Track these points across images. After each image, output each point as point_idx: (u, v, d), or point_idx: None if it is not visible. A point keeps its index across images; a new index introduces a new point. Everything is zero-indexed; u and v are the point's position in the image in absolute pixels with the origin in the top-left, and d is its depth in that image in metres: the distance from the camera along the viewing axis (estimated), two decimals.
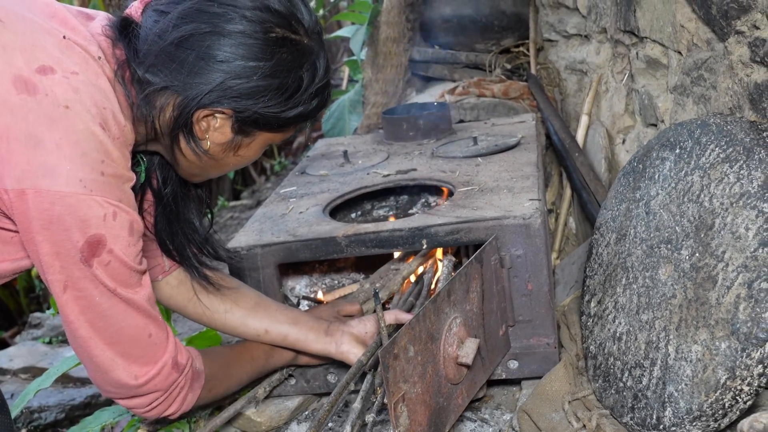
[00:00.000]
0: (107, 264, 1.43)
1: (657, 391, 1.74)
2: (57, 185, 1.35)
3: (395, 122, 3.05)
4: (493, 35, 4.18)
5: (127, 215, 1.45)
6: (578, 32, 3.41)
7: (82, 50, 1.45)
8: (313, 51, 1.56)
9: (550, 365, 2.10)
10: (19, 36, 1.40)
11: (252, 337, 2.06)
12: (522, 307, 2.08)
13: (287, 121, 1.58)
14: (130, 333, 1.53)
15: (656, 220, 1.91)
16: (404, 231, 2.09)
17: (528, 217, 2.01)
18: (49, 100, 1.36)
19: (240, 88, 1.49)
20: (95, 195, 1.38)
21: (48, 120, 1.35)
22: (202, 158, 1.59)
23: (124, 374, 1.54)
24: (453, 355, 1.74)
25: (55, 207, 1.36)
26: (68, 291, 1.44)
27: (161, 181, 1.78)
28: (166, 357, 1.60)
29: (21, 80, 1.36)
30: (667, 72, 2.41)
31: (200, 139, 1.56)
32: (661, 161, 1.97)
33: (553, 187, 3.41)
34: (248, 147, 1.62)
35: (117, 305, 1.49)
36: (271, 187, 8.61)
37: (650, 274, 1.88)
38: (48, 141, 1.35)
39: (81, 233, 1.38)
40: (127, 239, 1.46)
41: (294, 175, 2.84)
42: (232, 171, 1.68)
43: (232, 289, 2.04)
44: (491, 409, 2.18)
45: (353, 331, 2.06)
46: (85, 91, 1.41)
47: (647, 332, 1.83)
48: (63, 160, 1.35)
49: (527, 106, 3.60)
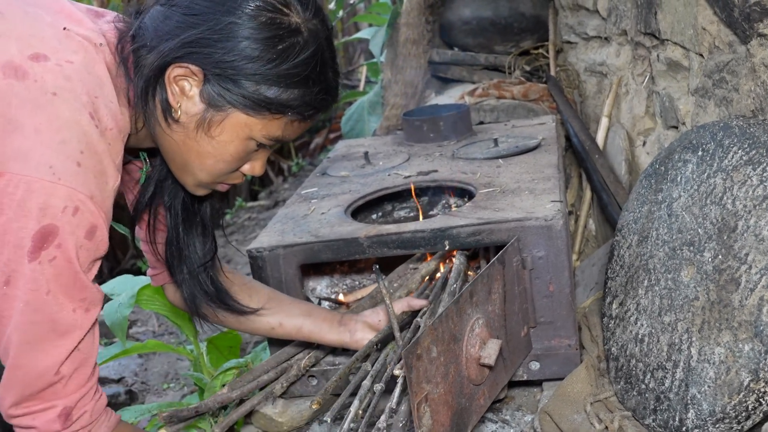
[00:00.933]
0: (52, 260, 1.32)
1: (680, 393, 1.74)
2: (26, 169, 1.28)
3: (416, 124, 3.06)
4: (513, 37, 4.18)
5: (90, 216, 1.35)
6: (598, 34, 3.40)
7: (82, 39, 1.41)
8: (300, 31, 1.46)
9: (572, 367, 2.11)
10: (18, 26, 1.38)
11: (265, 332, 2.06)
12: (543, 308, 2.09)
13: (261, 101, 1.45)
14: (38, 362, 1.39)
15: (678, 222, 1.91)
16: (426, 232, 2.10)
17: (550, 219, 2.02)
18: (38, 86, 1.32)
19: (211, 42, 1.41)
20: (62, 184, 1.30)
21: (32, 106, 1.31)
22: (175, 131, 1.48)
23: (6, 386, 1.42)
24: (475, 355, 1.75)
25: (18, 191, 1.28)
26: (10, 286, 1.34)
27: (167, 192, 1.74)
28: (60, 402, 1.43)
29: (11, 66, 1.32)
30: (688, 74, 2.41)
31: (173, 108, 1.46)
32: (683, 163, 1.97)
33: (573, 188, 3.41)
34: (221, 127, 1.46)
35: (40, 322, 1.36)
36: (288, 188, 8.62)
37: (672, 276, 1.88)
38: (28, 126, 1.30)
39: (36, 221, 1.30)
40: (82, 241, 1.35)
41: (315, 176, 2.85)
42: (214, 166, 1.55)
43: (243, 286, 2.03)
44: (512, 410, 2.18)
45: (367, 319, 2.06)
46: (78, 79, 1.36)
47: (669, 334, 1.83)
48: (38, 145, 1.30)
49: (547, 108, 3.60)
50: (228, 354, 2.77)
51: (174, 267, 1.84)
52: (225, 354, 2.76)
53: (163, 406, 2.39)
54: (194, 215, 1.79)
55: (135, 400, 3.71)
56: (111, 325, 2.35)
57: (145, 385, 3.96)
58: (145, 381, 4.00)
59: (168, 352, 4.09)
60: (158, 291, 2.43)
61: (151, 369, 4.13)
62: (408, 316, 2.07)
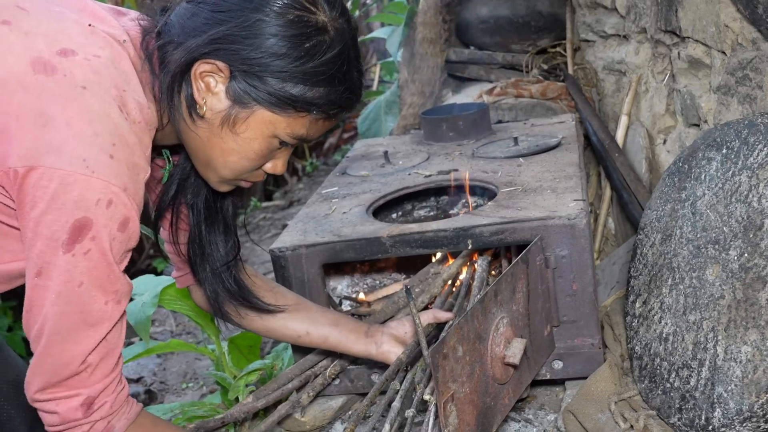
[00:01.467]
0: (87, 252, 1.34)
1: (705, 391, 1.73)
2: (59, 163, 1.29)
3: (435, 123, 3.05)
4: (530, 36, 4.17)
5: (124, 208, 1.36)
6: (616, 32, 3.39)
7: (106, 35, 1.42)
8: (326, 30, 1.45)
9: (595, 366, 2.10)
10: (43, 23, 1.39)
11: (292, 339, 2.06)
12: (566, 307, 2.08)
13: (286, 99, 1.45)
14: (67, 351, 1.40)
15: (703, 220, 1.91)
16: (449, 231, 2.10)
17: (573, 218, 2.01)
18: (67, 80, 1.33)
19: (238, 39, 1.42)
20: (96, 177, 1.31)
21: (63, 99, 1.32)
22: (200, 127, 1.49)
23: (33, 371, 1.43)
24: (500, 355, 1.75)
25: (52, 185, 1.29)
26: (42, 277, 1.35)
27: (190, 190, 1.74)
28: (84, 392, 1.44)
29: (40, 62, 1.33)
30: (709, 72, 2.39)
31: (198, 104, 1.46)
32: (707, 161, 1.96)
33: (592, 187, 3.40)
34: (246, 124, 1.47)
35: (71, 313, 1.37)
36: (303, 188, 8.63)
37: (697, 275, 1.87)
38: (59, 119, 1.31)
39: (70, 214, 1.31)
40: (116, 233, 1.36)
41: (335, 176, 2.85)
42: (238, 163, 1.55)
43: (270, 290, 2.02)
44: (535, 410, 2.18)
45: (393, 331, 2.07)
46: (106, 73, 1.37)
47: (695, 333, 1.82)
48: (70, 138, 1.30)
49: (565, 106, 3.59)
50: (248, 353, 2.77)
51: (197, 266, 1.84)
52: (245, 353, 2.76)
53: (185, 405, 2.40)
54: (216, 213, 1.80)
55: (154, 400, 3.72)
56: (135, 325, 2.35)
57: (164, 384, 3.97)
58: (164, 381, 4.01)
59: (186, 351, 4.11)
60: (181, 291, 2.43)
61: (170, 369, 4.14)
62: (434, 328, 2.07)
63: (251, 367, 2.38)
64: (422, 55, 4.47)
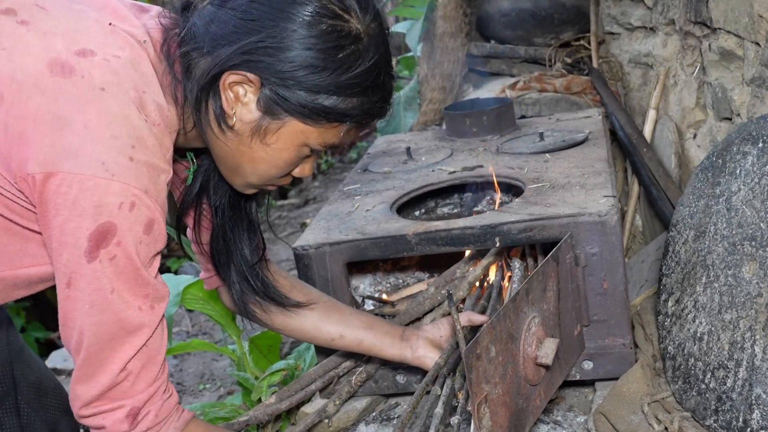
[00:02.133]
0: (113, 258, 1.32)
1: (743, 393, 1.72)
2: (78, 167, 1.28)
3: (458, 118, 3.04)
4: (553, 29, 4.16)
5: (147, 210, 1.35)
6: (643, 24, 3.37)
7: (127, 35, 1.41)
8: (360, 38, 1.43)
9: (626, 366, 2.09)
10: (62, 22, 1.38)
11: (324, 342, 2.04)
12: (597, 306, 2.07)
13: (318, 110, 1.43)
14: (107, 361, 1.39)
15: (738, 216, 1.89)
16: (476, 229, 2.09)
17: (604, 214, 2.00)
18: (85, 82, 1.32)
19: (269, 51, 1.39)
20: (116, 180, 1.30)
21: (81, 102, 1.31)
22: (229, 138, 1.48)
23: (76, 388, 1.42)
24: (532, 355, 1.74)
25: (72, 190, 1.28)
26: (72, 288, 1.35)
27: (213, 191, 1.73)
28: (128, 402, 1.42)
29: (58, 63, 1.32)
30: (742, 64, 2.38)
31: (227, 114, 1.45)
32: (742, 156, 1.94)
33: (618, 183, 3.38)
34: (277, 135, 1.47)
35: (107, 322, 1.36)
36: (318, 186, 8.64)
37: (733, 272, 1.86)
38: (77, 122, 1.29)
39: (92, 220, 1.30)
40: (141, 236, 1.35)
41: (356, 173, 2.85)
42: (267, 172, 1.55)
43: (301, 292, 2.01)
44: (564, 411, 2.17)
45: (428, 335, 2.05)
46: (126, 74, 1.36)
47: (731, 332, 1.81)
48: (88, 142, 1.29)
49: (590, 101, 3.58)
50: (268, 353, 2.77)
51: (221, 265, 1.83)
52: (265, 353, 2.77)
53: (206, 406, 2.40)
54: (240, 212, 1.79)
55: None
56: None
57: (181, 386, 3.98)
58: (181, 382, 4.02)
59: (203, 352, 4.12)
60: (202, 290, 2.44)
61: (186, 369, 4.15)
62: (467, 331, 2.06)
63: (274, 367, 2.38)
64: (443, 50, 4.46)
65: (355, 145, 9.25)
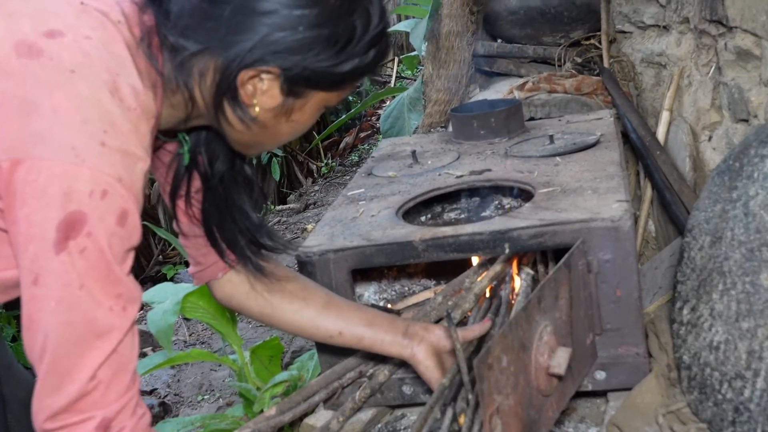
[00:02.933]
0: (83, 251, 1.26)
1: (761, 403, 1.72)
2: (47, 153, 1.23)
3: (465, 120, 3.05)
4: (562, 27, 4.16)
5: (120, 200, 1.29)
6: (656, 23, 3.38)
7: (100, 14, 1.38)
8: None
9: (640, 376, 2.09)
10: (30, 2, 1.36)
11: (323, 339, 2.04)
12: (610, 314, 2.07)
13: (342, 77, 1.47)
14: (73, 368, 1.31)
15: (756, 221, 1.89)
16: (485, 234, 2.10)
17: (617, 220, 2.01)
18: (54, 64, 1.28)
19: (285, 42, 1.40)
20: (87, 166, 1.25)
21: (49, 85, 1.27)
22: (251, 127, 1.50)
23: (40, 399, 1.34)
24: (544, 365, 1.75)
25: (40, 178, 1.23)
26: (38, 285, 1.27)
27: (207, 162, 1.71)
28: (99, 414, 1.34)
29: (25, 44, 1.29)
30: (760, 64, 2.38)
31: (248, 105, 1.46)
32: (760, 159, 1.95)
33: (631, 187, 3.39)
34: (302, 110, 1.52)
35: (75, 323, 1.29)
36: (319, 190, 8.66)
37: (751, 280, 1.86)
38: (45, 107, 1.25)
39: (61, 209, 1.24)
40: (114, 228, 1.29)
41: (360, 177, 2.86)
42: (288, 140, 1.60)
43: (298, 286, 2.02)
44: (575, 423, 2.17)
45: (432, 340, 2.04)
46: (98, 56, 1.33)
47: (749, 341, 1.81)
48: (57, 126, 1.25)
49: (601, 102, 3.59)
50: (269, 364, 2.78)
51: (226, 234, 1.81)
52: (266, 364, 2.77)
53: (206, 418, 2.41)
54: (237, 171, 1.77)
55: (169, 413, 3.75)
56: (156, 333, 2.37)
57: (179, 396, 3.99)
58: (179, 393, 4.03)
59: (201, 362, 4.13)
60: (202, 298, 2.45)
61: (184, 380, 4.16)
62: (474, 347, 2.06)
63: (277, 378, 2.39)
64: (448, 49, 4.48)
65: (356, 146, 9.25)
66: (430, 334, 2.05)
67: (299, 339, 3.91)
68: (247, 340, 4.10)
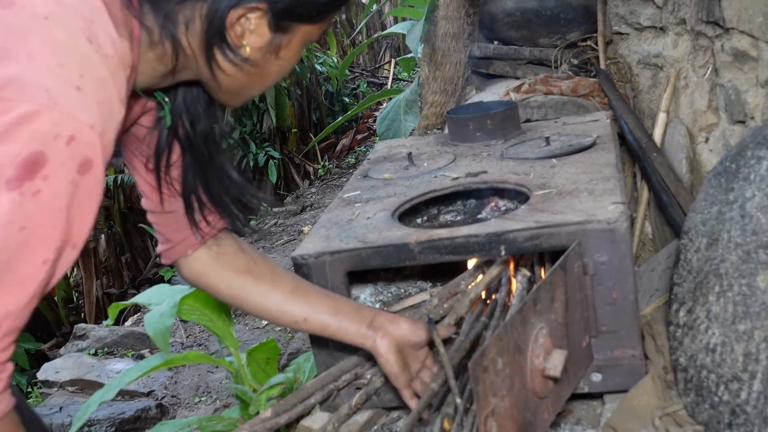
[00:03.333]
0: (36, 193, 1.20)
1: (758, 406, 1.72)
2: (19, 95, 1.20)
3: (461, 122, 3.05)
4: (559, 29, 4.16)
5: (87, 148, 1.25)
6: (652, 24, 3.38)
7: None
8: None
9: (636, 378, 2.09)
10: None
11: (289, 324, 2.03)
12: (606, 316, 2.07)
13: (327, 6, 1.50)
14: None
15: (753, 223, 1.89)
16: (481, 237, 2.09)
17: (613, 222, 2.00)
18: (27, 12, 1.26)
19: None
20: (57, 110, 1.21)
21: (23, 31, 1.24)
22: (243, 68, 1.50)
23: None
24: (540, 367, 1.74)
25: (8, 116, 1.19)
26: None
27: (189, 123, 1.70)
28: None
29: None
30: (757, 65, 2.38)
31: (238, 47, 1.46)
32: (757, 161, 1.95)
33: (627, 189, 3.38)
34: (289, 47, 1.53)
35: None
36: (315, 192, 8.66)
37: (747, 282, 1.86)
38: (20, 52, 1.22)
39: (24, 147, 1.19)
40: (74, 176, 1.24)
41: (356, 179, 2.85)
42: (275, 81, 1.60)
43: (267, 269, 2.02)
44: (571, 425, 2.17)
45: (396, 335, 2.02)
46: (71, 4, 1.30)
47: (745, 343, 1.81)
48: (32, 70, 1.21)
49: (598, 103, 3.58)
50: (266, 366, 2.77)
51: (213, 197, 1.81)
52: (263, 366, 2.76)
53: (203, 420, 2.41)
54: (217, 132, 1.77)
55: (165, 415, 3.74)
56: (153, 336, 2.36)
57: (176, 398, 3.99)
58: (175, 394, 4.03)
59: (198, 364, 4.13)
60: (199, 300, 2.44)
61: (181, 382, 4.16)
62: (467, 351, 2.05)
63: (273, 380, 2.38)
64: (444, 51, 4.47)
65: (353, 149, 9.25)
66: (395, 328, 2.03)
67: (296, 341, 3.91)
68: (244, 342, 4.11)
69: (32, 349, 6.62)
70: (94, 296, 7.75)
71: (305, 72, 9.54)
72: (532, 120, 3.54)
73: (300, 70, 9.38)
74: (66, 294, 7.72)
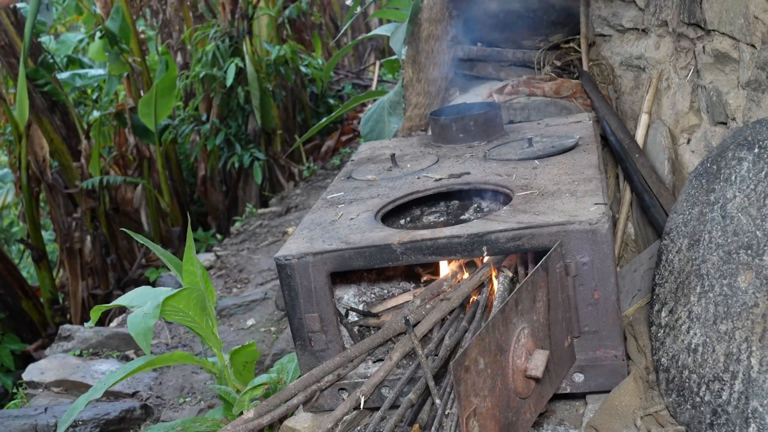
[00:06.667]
0: None
1: (739, 406, 1.71)
2: None
3: (444, 124, 3.04)
4: (542, 31, 4.15)
5: None
6: (635, 26, 3.37)
7: None
8: None
9: (618, 378, 2.08)
10: None
11: None
12: (588, 316, 2.06)
13: None
14: None
15: (734, 224, 1.89)
16: (463, 238, 2.08)
17: (595, 222, 1.99)
18: None
19: None
20: None
21: None
22: None
23: None
24: (522, 367, 1.73)
25: None
26: None
27: None
28: None
29: None
30: (737, 67, 2.38)
31: None
32: (737, 162, 1.94)
33: (610, 190, 3.38)
34: None
35: None
36: (300, 194, 8.62)
37: (728, 282, 1.85)
38: None
39: None
40: None
41: (340, 180, 2.84)
42: None
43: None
44: (554, 425, 2.16)
45: None
46: None
47: (726, 343, 1.80)
48: None
49: (580, 105, 3.58)
50: (243, 370, 2.74)
51: None
52: (240, 369, 2.73)
53: (187, 422, 2.38)
54: None
55: (150, 416, 3.71)
56: (136, 336, 2.33)
57: (161, 399, 3.95)
58: (160, 395, 3.99)
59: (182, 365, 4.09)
60: (182, 302, 2.42)
61: (166, 383, 4.12)
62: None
63: (256, 381, 2.36)
64: (428, 53, 4.46)
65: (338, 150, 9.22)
66: None
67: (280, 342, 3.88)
68: (228, 343, 4.08)
69: (17, 350, 6.57)
70: (79, 297, 7.71)
71: (290, 74, 9.50)
72: (515, 121, 3.53)
73: (285, 72, 9.34)
74: (51, 295, 7.68)
